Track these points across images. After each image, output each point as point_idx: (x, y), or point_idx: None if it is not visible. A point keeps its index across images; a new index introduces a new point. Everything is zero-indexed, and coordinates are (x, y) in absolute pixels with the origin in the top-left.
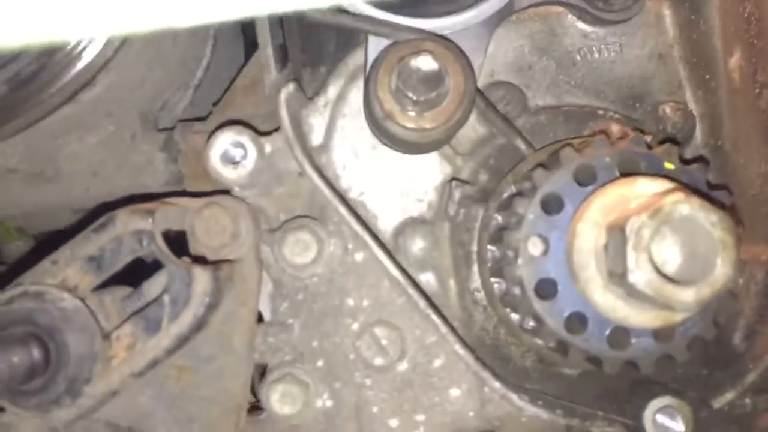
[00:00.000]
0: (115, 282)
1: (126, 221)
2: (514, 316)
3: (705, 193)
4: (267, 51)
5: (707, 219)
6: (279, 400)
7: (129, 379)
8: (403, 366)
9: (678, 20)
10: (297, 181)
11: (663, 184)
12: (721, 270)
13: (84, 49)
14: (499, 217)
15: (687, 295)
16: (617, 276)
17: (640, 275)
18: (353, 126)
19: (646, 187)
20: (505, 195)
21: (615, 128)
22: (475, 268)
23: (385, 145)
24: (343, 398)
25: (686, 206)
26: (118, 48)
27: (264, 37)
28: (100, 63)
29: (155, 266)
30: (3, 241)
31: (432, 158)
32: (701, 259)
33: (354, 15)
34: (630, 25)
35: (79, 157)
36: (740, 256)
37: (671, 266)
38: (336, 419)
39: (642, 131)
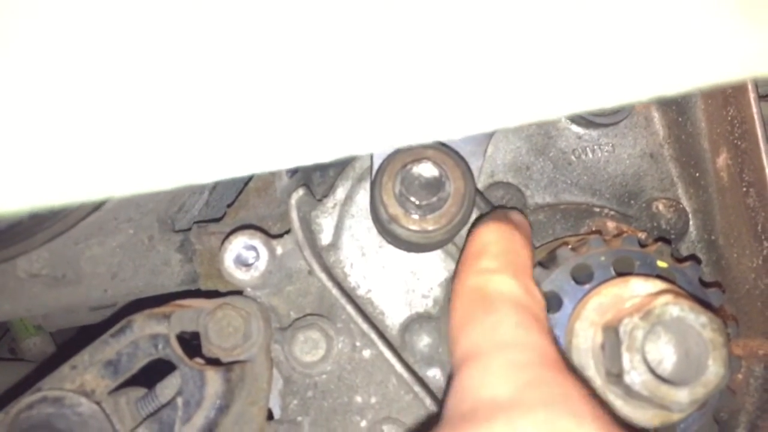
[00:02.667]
0: (130, 384)
1: (142, 325)
2: None
3: (698, 291)
4: None
5: (697, 320)
6: None
7: None
8: None
9: (666, 122)
10: (307, 279)
11: (655, 285)
12: (713, 370)
13: None
14: None
15: (682, 396)
16: (614, 376)
17: (635, 376)
18: (360, 226)
19: (639, 288)
20: None
21: (610, 225)
22: None
23: (391, 244)
24: None
25: (676, 308)
26: None
27: None
28: None
29: (168, 363)
30: (21, 337)
31: (436, 255)
32: (694, 359)
33: None
34: (621, 127)
35: (99, 261)
36: (731, 355)
37: (666, 366)
38: None
39: (635, 229)
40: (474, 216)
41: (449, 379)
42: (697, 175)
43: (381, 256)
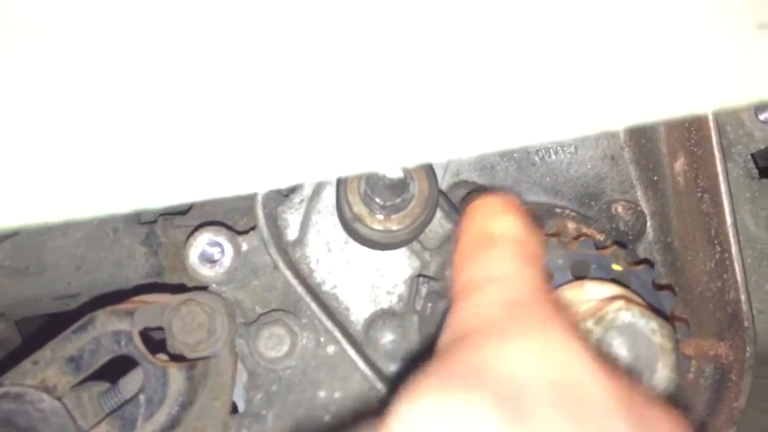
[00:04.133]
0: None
1: (105, 322)
2: None
3: (651, 294)
4: None
5: (647, 326)
6: None
7: None
8: None
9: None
10: (272, 275)
11: (610, 289)
12: (662, 374)
13: None
14: None
15: None
16: None
17: None
18: (326, 222)
19: (594, 291)
20: None
21: (571, 226)
22: None
23: (356, 242)
24: None
25: (628, 314)
26: None
27: None
28: None
29: (131, 362)
30: None
31: (401, 253)
32: (644, 361)
33: None
34: None
35: (63, 252)
36: (682, 355)
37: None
38: None
39: (595, 230)
40: (438, 216)
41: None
42: (656, 178)
43: (346, 252)
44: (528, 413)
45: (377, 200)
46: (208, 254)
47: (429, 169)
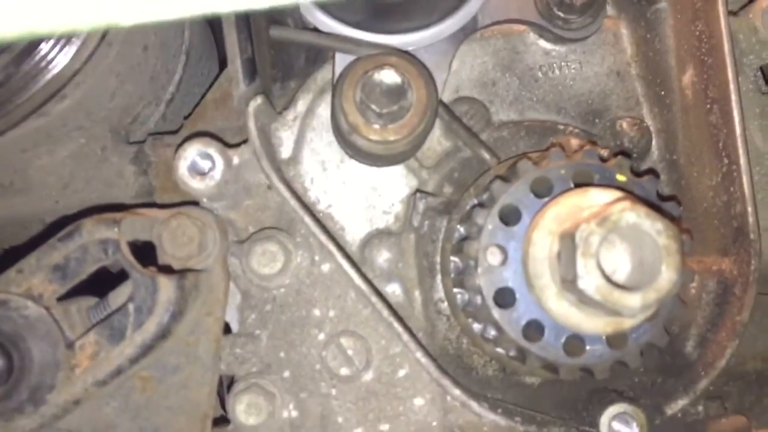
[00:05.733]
0: (82, 293)
1: (92, 230)
2: (476, 326)
3: (655, 203)
4: (235, 64)
5: (653, 227)
6: (245, 411)
7: (92, 388)
8: (368, 376)
9: (635, 39)
10: (266, 194)
11: (614, 194)
12: (666, 276)
13: (52, 60)
14: (461, 229)
15: (634, 301)
16: (568, 282)
17: (589, 281)
18: (321, 140)
19: (598, 197)
20: (467, 207)
21: (574, 142)
22: (439, 278)
23: (352, 158)
24: (308, 408)
25: (633, 214)
26: (87, 60)
27: (232, 50)
28: (69, 74)
29: (122, 278)
30: None
31: (398, 171)
32: (648, 265)
33: (320, 32)
34: (589, 43)
35: (49, 170)
36: (684, 263)
37: (620, 273)
38: (301, 429)
39: (596, 144)
40: (436, 133)
41: None
42: (663, 93)
43: (342, 171)
44: None
45: (373, 107)
46: (199, 166)
47: (428, 78)
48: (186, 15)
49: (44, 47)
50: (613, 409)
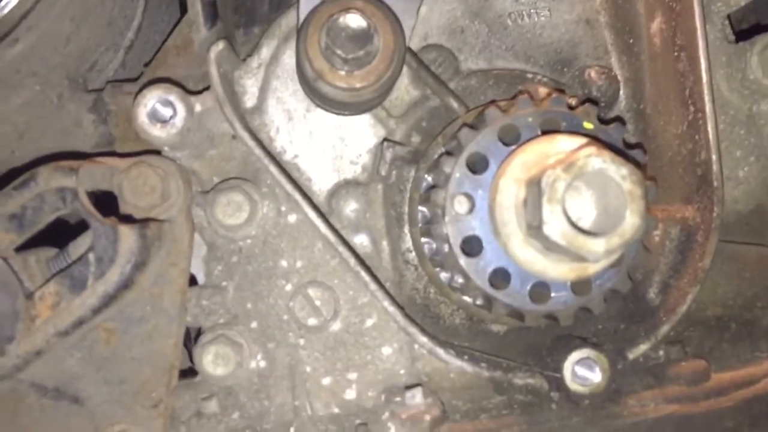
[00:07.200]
0: (42, 245)
1: (48, 178)
2: (443, 275)
3: (621, 150)
4: (196, 8)
5: (617, 172)
6: (212, 361)
7: (54, 338)
8: (336, 326)
9: None
10: (230, 144)
11: (581, 141)
12: (630, 221)
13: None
14: (429, 178)
15: (598, 245)
16: (534, 229)
17: (554, 226)
18: (287, 88)
19: (565, 144)
20: (435, 156)
21: (542, 91)
22: (407, 228)
23: (319, 106)
24: (276, 358)
25: (598, 160)
26: (37, 1)
27: None
28: (18, 16)
29: (83, 229)
30: None
31: (366, 120)
32: (612, 211)
33: None
34: None
35: (4, 119)
36: (648, 210)
37: (585, 219)
38: (269, 379)
39: (564, 93)
40: (404, 82)
41: None
42: (631, 41)
43: (308, 120)
44: None
45: (339, 53)
46: (159, 113)
47: (394, 22)
48: None
49: None
50: (576, 355)
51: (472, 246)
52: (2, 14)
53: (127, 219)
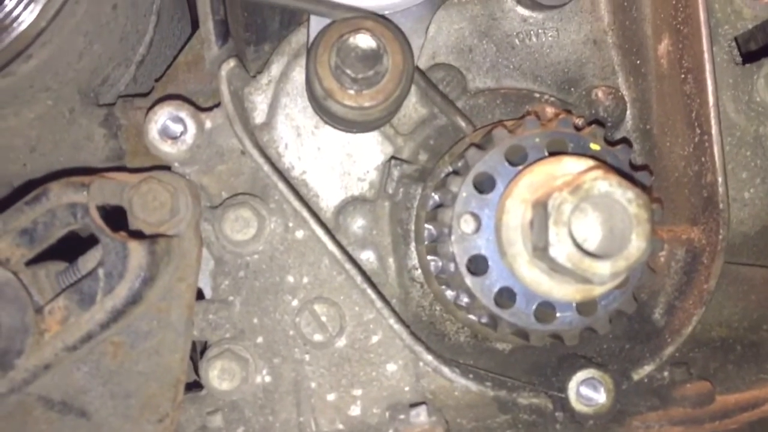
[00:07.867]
0: (52, 259)
1: (59, 193)
2: (449, 293)
3: (627, 173)
4: (207, 25)
5: (623, 195)
6: (218, 376)
7: (62, 353)
8: (341, 342)
9: (612, 7)
10: (239, 160)
11: (587, 163)
12: (636, 244)
13: (17, 17)
14: (436, 196)
15: (603, 268)
16: (540, 250)
17: (560, 249)
18: (296, 105)
19: (572, 166)
20: (442, 174)
21: (549, 111)
22: (413, 246)
23: (327, 123)
24: (282, 374)
25: (604, 183)
26: (52, 19)
27: (204, 11)
28: (34, 34)
29: (93, 243)
30: None
31: (373, 138)
32: (618, 234)
33: None
34: (566, 10)
35: (16, 132)
36: (654, 231)
37: (591, 241)
38: (275, 395)
39: (571, 113)
40: (412, 100)
41: None
42: (638, 62)
43: (317, 137)
44: None
45: (348, 72)
46: (170, 130)
47: (404, 43)
48: None
49: (8, 4)
50: (581, 375)
51: (478, 265)
52: (18, 32)
53: (137, 234)
